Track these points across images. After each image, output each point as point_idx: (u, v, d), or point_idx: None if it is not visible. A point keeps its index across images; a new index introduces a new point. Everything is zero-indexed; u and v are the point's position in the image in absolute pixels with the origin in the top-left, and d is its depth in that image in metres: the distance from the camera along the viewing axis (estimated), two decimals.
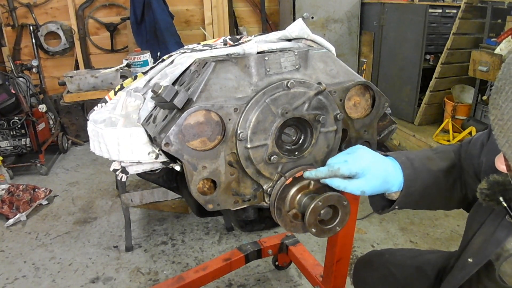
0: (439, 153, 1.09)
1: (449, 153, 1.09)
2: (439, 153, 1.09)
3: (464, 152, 1.08)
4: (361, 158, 0.97)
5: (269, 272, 2.42)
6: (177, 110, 0.94)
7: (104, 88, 2.75)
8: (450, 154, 1.09)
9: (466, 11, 3.66)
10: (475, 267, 0.96)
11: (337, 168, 0.96)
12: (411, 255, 1.40)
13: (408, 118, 4.27)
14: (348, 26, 4.75)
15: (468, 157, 1.06)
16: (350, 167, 0.96)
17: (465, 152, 1.07)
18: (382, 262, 1.41)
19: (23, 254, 2.66)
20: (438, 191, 1.04)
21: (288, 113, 0.99)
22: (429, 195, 1.03)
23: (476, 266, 0.96)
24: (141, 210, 3.14)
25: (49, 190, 3.32)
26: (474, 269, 0.96)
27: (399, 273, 1.33)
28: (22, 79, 3.95)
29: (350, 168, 0.96)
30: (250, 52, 1.13)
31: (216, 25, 4.66)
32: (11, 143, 3.75)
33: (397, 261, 1.38)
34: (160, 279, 2.38)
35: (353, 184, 0.96)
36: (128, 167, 1.06)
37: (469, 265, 0.97)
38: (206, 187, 1.01)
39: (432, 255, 1.34)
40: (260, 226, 1.27)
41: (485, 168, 0.97)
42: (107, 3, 4.63)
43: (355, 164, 0.97)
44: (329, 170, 0.98)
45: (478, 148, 1.03)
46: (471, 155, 1.05)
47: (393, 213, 2.96)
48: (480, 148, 1.03)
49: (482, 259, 0.94)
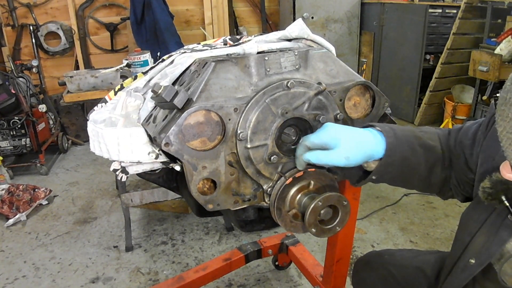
0: (424, 132, 1.07)
1: (434, 134, 1.08)
2: (424, 132, 1.07)
3: (453, 139, 1.07)
4: (331, 128, 0.96)
5: (269, 272, 2.42)
6: (177, 110, 0.94)
7: (104, 88, 2.76)
8: (435, 135, 1.08)
9: (466, 11, 3.66)
10: (478, 267, 0.95)
11: (307, 139, 0.96)
12: (411, 255, 1.40)
13: (408, 118, 4.28)
14: (348, 26, 4.75)
15: (458, 144, 1.05)
16: (319, 135, 0.95)
17: (455, 139, 1.06)
18: (381, 263, 1.41)
19: (23, 254, 2.66)
20: (417, 166, 1.02)
21: (288, 113, 0.99)
22: (407, 169, 1.01)
23: (479, 266, 0.94)
24: (141, 210, 3.14)
25: (49, 190, 3.32)
26: (477, 269, 0.95)
27: (398, 273, 1.33)
28: (22, 79, 3.96)
29: (320, 137, 0.95)
30: (250, 52, 1.13)
31: (216, 25, 4.66)
32: (11, 143, 3.75)
33: (397, 261, 1.38)
34: (160, 279, 2.38)
35: (333, 153, 0.93)
36: (128, 167, 1.06)
37: (471, 266, 0.96)
38: (206, 187, 1.01)
39: (431, 255, 1.34)
40: (260, 226, 1.27)
41: (484, 166, 0.96)
42: (107, 3, 4.64)
43: (325, 133, 0.95)
44: (301, 145, 0.98)
45: (470, 139, 1.02)
46: (462, 143, 1.04)
47: (393, 213, 2.96)
48: (472, 139, 1.02)
49: (485, 259, 0.93)
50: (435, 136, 1.07)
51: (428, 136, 1.05)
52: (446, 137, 1.09)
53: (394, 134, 0.98)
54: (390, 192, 3.26)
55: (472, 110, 3.59)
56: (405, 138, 0.99)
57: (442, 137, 1.08)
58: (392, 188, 3.33)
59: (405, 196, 3.18)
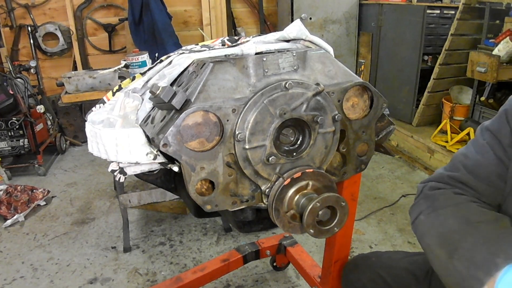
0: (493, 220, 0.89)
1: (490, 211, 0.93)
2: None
3: (476, 188, 0.96)
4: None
5: (267, 273, 2.42)
6: (175, 111, 0.94)
7: (102, 88, 2.76)
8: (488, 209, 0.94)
9: (464, 12, 3.67)
10: None
11: None
12: (398, 257, 1.40)
13: (406, 119, 4.28)
14: (346, 27, 4.76)
15: (483, 187, 0.96)
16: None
17: (476, 186, 0.96)
18: (369, 265, 1.41)
19: (21, 255, 2.65)
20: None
21: (286, 114, 0.99)
22: None
23: None
24: (139, 211, 3.14)
25: (47, 191, 3.32)
26: None
27: (387, 275, 1.32)
28: (20, 80, 3.94)
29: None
30: (248, 53, 1.13)
31: (214, 26, 4.66)
32: (9, 144, 3.74)
33: (384, 263, 1.38)
34: (158, 280, 2.38)
35: None
36: (126, 167, 1.06)
37: None
38: (204, 188, 1.01)
39: (419, 256, 1.33)
40: (258, 227, 1.27)
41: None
42: (105, 4, 4.64)
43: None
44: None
45: (485, 175, 0.94)
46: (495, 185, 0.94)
47: (391, 214, 2.97)
48: (487, 174, 0.93)
49: None
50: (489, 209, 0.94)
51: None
52: (475, 193, 0.98)
53: None
54: (388, 193, 3.26)
55: (470, 111, 3.59)
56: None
57: (477, 198, 0.97)
58: (390, 189, 3.34)
59: (403, 197, 3.19)
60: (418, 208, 1.02)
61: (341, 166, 1.17)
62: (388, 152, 1.33)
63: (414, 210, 1.04)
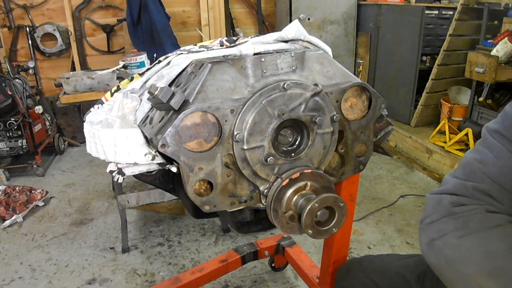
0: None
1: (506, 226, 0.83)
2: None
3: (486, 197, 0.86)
4: None
5: (265, 273, 2.42)
6: (174, 112, 0.93)
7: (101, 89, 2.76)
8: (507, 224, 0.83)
9: (462, 12, 3.67)
10: None
11: None
12: (390, 260, 1.39)
13: (405, 119, 4.29)
14: (345, 28, 4.76)
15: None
16: None
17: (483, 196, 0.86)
18: (361, 270, 1.40)
19: (19, 256, 2.65)
20: None
21: (285, 115, 0.99)
22: None
23: None
24: (137, 211, 3.13)
25: (46, 192, 3.31)
26: None
27: (379, 279, 1.31)
28: (18, 80, 3.94)
29: None
30: (246, 54, 1.13)
31: (212, 27, 4.66)
32: (8, 144, 3.73)
33: (376, 268, 1.37)
34: (156, 281, 2.38)
35: None
36: (124, 168, 1.06)
37: None
38: (203, 189, 1.01)
39: (410, 259, 1.32)
40: (257, 228, 1.27)
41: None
42: (103, 4, 4.63)
43: None
44: None
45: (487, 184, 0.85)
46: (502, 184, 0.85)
47: (390, 215, 2.97)
48: (485, 180, 0.85)
49: None
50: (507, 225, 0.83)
51: None
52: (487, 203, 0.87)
53: None
54: (387, 194, 3.27)
55: (468, 111, 3.59)
56: None
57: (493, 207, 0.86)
58: (389, 190, 3.34)
59: (401, 197, 3.19)
60: (442, 227, 0.86)
61: (339, 167, 1.17)
62: (386, 152, 1.33)
63: (434, 228, 0.87)
